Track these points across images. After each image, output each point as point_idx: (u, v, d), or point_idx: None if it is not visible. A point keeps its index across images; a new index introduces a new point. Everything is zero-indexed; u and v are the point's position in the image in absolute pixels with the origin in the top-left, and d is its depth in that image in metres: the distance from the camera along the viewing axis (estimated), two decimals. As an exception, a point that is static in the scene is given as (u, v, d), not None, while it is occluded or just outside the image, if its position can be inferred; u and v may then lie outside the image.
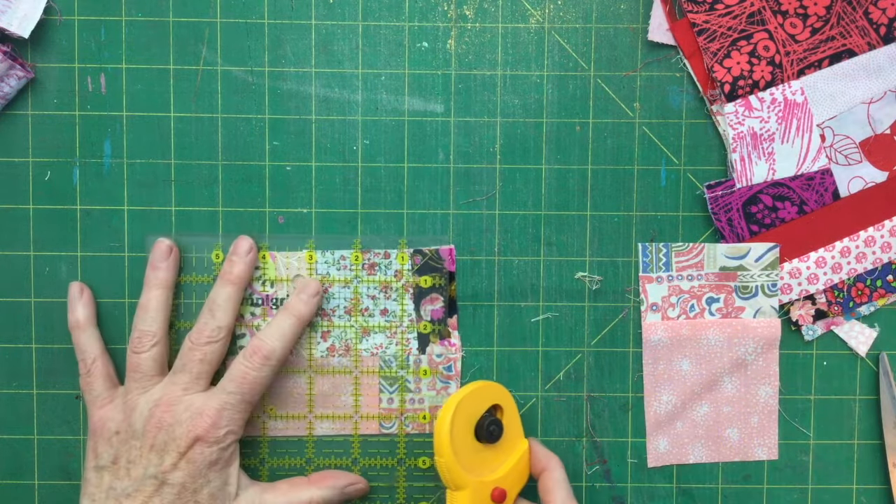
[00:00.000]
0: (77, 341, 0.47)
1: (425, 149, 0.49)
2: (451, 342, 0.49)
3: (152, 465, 0.43)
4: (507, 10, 0.48)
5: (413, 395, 0.49)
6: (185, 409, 0.43)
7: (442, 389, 0.49)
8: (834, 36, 0.48)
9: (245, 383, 0.44)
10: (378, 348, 0.49)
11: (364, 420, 0.49)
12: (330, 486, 0.46)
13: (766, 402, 0.50)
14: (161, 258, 0.47)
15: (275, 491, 0.46)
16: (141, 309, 0.46)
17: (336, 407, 0.49)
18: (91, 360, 0.46)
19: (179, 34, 0.48)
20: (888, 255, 0.49)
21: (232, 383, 0.44)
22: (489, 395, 0.45)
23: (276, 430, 0.49)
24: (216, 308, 0.46)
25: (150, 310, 0.46)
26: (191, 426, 0.43)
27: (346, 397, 0.49)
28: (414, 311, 0.49)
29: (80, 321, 0.47)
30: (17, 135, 0.48)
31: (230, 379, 0.45)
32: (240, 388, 0.44)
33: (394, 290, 0.49)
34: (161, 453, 0.43)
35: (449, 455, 0.42)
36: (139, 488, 0.42)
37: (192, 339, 0.45)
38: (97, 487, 0.43)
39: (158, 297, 0.46)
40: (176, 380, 0.45)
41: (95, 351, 0.46)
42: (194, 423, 0.43)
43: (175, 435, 0.43)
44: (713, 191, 0.49)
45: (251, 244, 0.47)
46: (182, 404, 0.44)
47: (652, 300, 0.49)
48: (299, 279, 0.48)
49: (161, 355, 0.46)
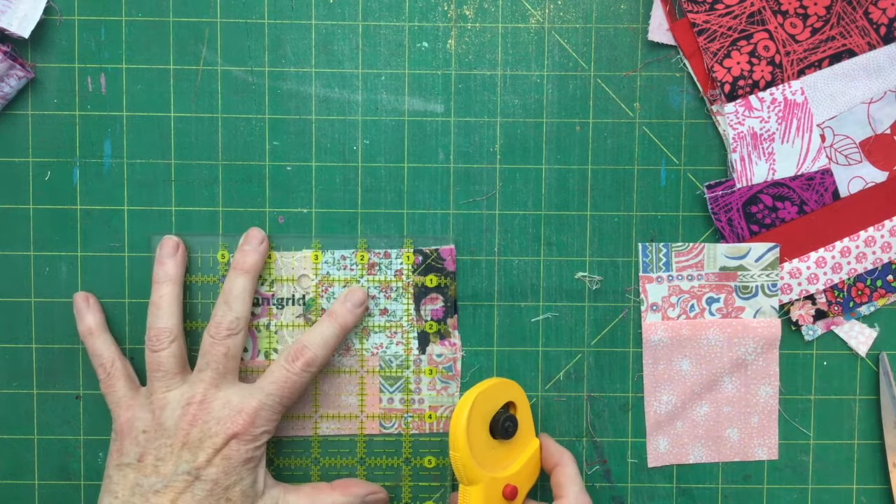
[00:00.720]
0: (92, 347, 0.46)
1: (425, 149, 0.49)
2: (452, 342, 0.49)
3: (184, 462, 0.42)
4: (507, 10, 0.48)
5: (414, 395, 0.49)
6: (223, 405, 0.43)
7: (442, 389, 0.49)
8: (834, 36, 0.48)
9: (285, 387, 0.45)
10: (378, 348, 0.49)
11: (368, 420, 0.49)
12: (352, 494, 0.46)
13: (766, 402, 0.50)
14: (168, 254, 0.47)
15: (298, 493, 0.46)
16: (153, 307, 0.46)
17: (340, 407, 0.49)
18: (110, 363, 0.46)
19: (179, 34, 0.48)
20: (888, 255, 0.49)
21: (273, 385, 0.44)
22: (504, 392, 0.45)
23: (281, 430, 0.49)
24: (232, 299, 0.45)
25: (163, 307, 0.45)
26: (229, 423, 0.43)
27: (349, 397, 0.49)
28: (414, 311, 0.49)
29: (92, 328, 0.47)
30: (17, 135, 0.48)
31: (271, 381, 0.45)
32: (280, 390, 0.44)
33: (394, 290, 0.49)
34: (195, 450, 0.42)
35: (464, 449, 0.43)
36: (169, 484, 0.42)
37: (211, 334, 0.45)
38: (119, 485, 0.43)
39: (170, 292, 0.46)
40: (203, 377, 0.44)
41: (113, 354, 0.46)
42: (233, 420, 0.43)
43: (211, 431, 0.43)
44: (713, 191, 0.49)
45: (263, 235, 0.48)
46: (219, 400, 0.44)
47: (652, 300, 0.49)
48: (347, 288, 0.48)
49: (181, 351, 0.45)
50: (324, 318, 0.47)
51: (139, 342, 0.48)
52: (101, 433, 0.49)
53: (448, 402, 0.49)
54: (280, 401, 0.45)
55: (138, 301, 0.49)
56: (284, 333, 0.49)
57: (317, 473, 0.50)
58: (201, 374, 0.45)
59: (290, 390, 0.45)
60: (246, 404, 0.44)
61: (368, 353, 0.49)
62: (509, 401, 0.46)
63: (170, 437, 0.43)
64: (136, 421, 0.44)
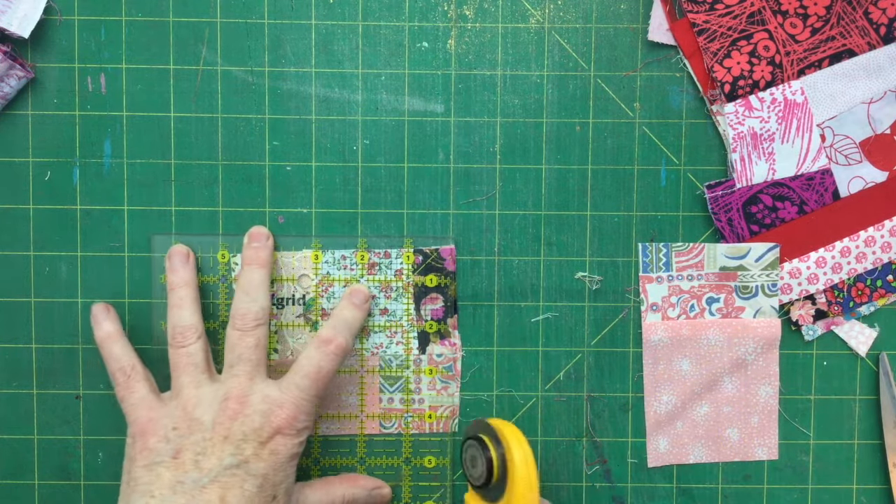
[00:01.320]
0: (111, 352, 0.45)
1: (425, 149, 0.49)
2: (452, 342, 0.49)
3: (228, 455, 0.41)
4: (507, 10, 0.48)
5: (414, 395, 0.49)
6: (262, 399, 0.43)
7: (442, 389, 0.49)
8: (834, 36, 0.48)
9: (319, 378, 0.44)
10: (378, 348, 0.49)
11: (368, 419, 0.49)
12: (360, 486, 0.47)
13: (766, 402, 0.50)
14: (181, 262, 0.47)
15: (312, 487, 0.46)
16: (175, 308, 0.45)
17: (340, 406, 0.49)
18: (130, 366, 0.45)
19: (179, 34, 0.48)
20: (888, 255, 0.49)
21: (306, 379, 0.44)
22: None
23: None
24: (253, 290, 0.45)
25: (185, 306, 0.45)
26: (272, 417, 0.42)
27: (349, 397, 0.49)
28: (414, 311, 0.49)
29: (111, 333, 0.46)
30: (17, 135, 0.48)
31: (303, 374, 0.44)
32: (315, 382, 0.44)
33: (394, 290, 0.49)
34: (238, 443, 0.41)
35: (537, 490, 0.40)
36: (216, 479, 0.41)
37: (237, 327, 0.44)
38: (154, 484, 0.41)
39: (188, 294, 0.46)
40: (237, 371, 0.44)
41: (133, 357, 0.46)
42: (275, 414, 0.43)
43: (254, 425, 0.42)
44: (713, 191, 0.49)
45: (268, 231, 0.48)
46: (257, 394, 0.43)
47: (652, 300, 0.49)
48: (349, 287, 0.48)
49: (207, 347, 0.45)
50: (340, 308, 0.47)
51: (140, 342, 0.48)
52: (101, 433, 0.49)
53: (448, 402, 0.49)
54: (316, 393, 0.44)
55: (138, 301, 0.49)
56: (285, 333, 0.49)
57: (317, 473, 0.50)
58: (233, 368, 0.44)
59: (324, 381, 0.44)
60: (285, 399, 0.43)
61: (368, 353, 0.49)
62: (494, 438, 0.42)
63: (206, 431, 0.42)
64: (163, 419, 0.43)
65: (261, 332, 0.45)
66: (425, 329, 0.49)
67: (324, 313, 0.49)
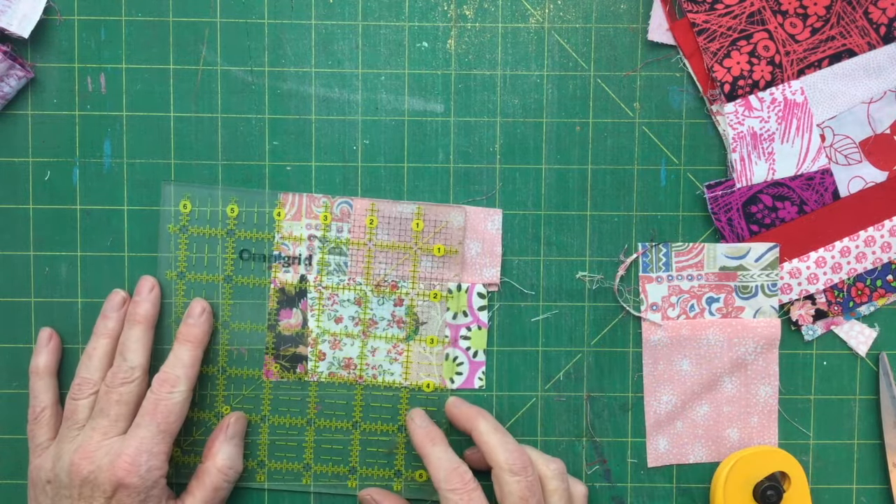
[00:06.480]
0: (32, 387, 0.47)
1: (425, 149, 0.49)
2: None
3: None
4: (507, 10, 0.48)
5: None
6: (105, 454, 0.43)
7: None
8: (834, 36, 0.48)
9: (157, 413, 0.44)
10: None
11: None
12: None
13: (766, 402, 0.50)
14: (112, 308, 0.47)
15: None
16: (85, 356, 0.46)
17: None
18: (41, 408, 0.46)
19: (179, 34, 0.48)
20: (888, 255, 0.49)
21: (144, 417, 0.44)
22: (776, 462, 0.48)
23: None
24: (126, 350, 0.46)
25: (94, 358, 0.46)
26: (112, 471, 0.43)
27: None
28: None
29: (39, 368, 0.47)
30: (17, 135, 0.48)
31: (142, 414, 0.44)
32: (153, 419, 0.44)
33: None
34: (89, 500, 0.43)
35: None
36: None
37: (107, 382, 0.45)
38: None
39: (104, 346, 0.46)
40: (95, 425, 0.44)
41: (47, 400, 0.47)
42: (114, 466, 0.43)
43: (98, 482, 0.43)
44: (713, 191, 0.49)
45: (153, 282, 0.48)
46: (102, 450, 0.43)
47: (652, 300, 0.49)
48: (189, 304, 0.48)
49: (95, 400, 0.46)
50: (175, 343, 0.47)
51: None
52: (101, 433, 0.49)
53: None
54: (157, 429, 0.44)
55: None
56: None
57: (311, 434, 0.49)
58: (94, 422, 0.45)
59: (163, 416, 0.44)
60: (125, 447, 0.43)
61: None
62: (782, 471, 0.48)
63: (67, 488, 0.43)
64: (41, 471, 0.45)
65: (125, 390, 0.45)
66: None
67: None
